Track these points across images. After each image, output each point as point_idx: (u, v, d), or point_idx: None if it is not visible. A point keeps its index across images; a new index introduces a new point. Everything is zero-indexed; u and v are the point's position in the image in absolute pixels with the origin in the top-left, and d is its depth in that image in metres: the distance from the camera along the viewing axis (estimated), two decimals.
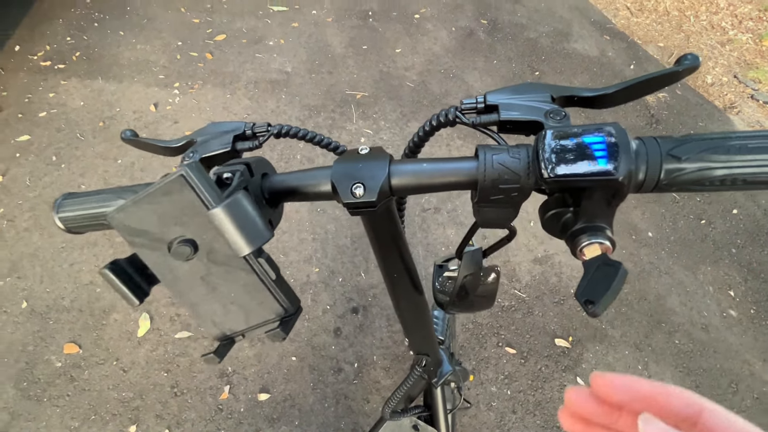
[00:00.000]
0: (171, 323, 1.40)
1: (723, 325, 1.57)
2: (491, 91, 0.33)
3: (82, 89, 2.02)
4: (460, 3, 2.81)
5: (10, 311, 1.38)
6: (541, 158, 0.26)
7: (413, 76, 2.28)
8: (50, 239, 1.54)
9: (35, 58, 2.14)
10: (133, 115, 1.95)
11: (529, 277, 1.60)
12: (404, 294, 0.48)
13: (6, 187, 1.67)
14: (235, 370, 1.33)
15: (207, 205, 0.24)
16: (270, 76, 2.19)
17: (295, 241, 1.61)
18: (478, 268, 0.40)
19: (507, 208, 0.30)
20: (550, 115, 0.30)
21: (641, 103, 2.33)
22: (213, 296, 0.27)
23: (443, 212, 1.75)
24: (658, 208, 1.89)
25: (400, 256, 0.41)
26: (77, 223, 0.35)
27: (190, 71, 2.16)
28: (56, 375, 1.28)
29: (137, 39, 2.29)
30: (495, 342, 1.45)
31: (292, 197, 0.33)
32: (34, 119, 1.89)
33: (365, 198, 0.29)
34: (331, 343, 1.40)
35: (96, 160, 1.78)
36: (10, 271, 1.46)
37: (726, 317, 1.59)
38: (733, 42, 2.92)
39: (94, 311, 1.40)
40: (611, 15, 2.96)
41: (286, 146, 1.88)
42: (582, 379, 1.39)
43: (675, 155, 0.25)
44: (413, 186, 0.30)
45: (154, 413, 1.24)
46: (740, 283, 1.69)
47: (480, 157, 0.28)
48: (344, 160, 0.31)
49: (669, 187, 0.26)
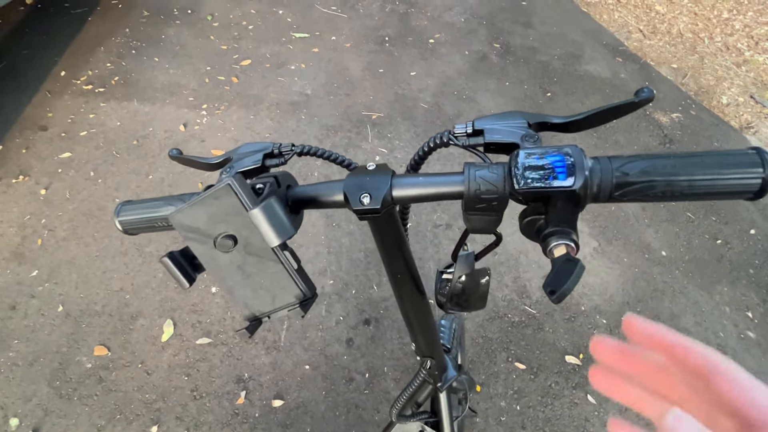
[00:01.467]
0: (193, 329, 1.47)
1: (741, 346, 1.54)
2: (479, 118, 0.39)
3: (119, 110, 2.19)
4: (474, 28, 2.92)
5: (47, 314, 1.49)
6: (514, 173, 0.32)
7: (427, 98, 2.38)
8: (86, 248, 1.66)
9: (78, 82, 2.33)
10: (164, 134, 2.10)
11: (540, 294, 1.62)
12: (408, 295, 0.54)
13: (48, 199, 1.81)
14: (251, 376, 1.39)
15: (246, 207, 0.31)
16: (291, 98, 2.32)
17: (311, 254, 1.68)
18: (471, 269, 0.45)
19: (491, 215, 0.35)
20: (525, 138, 0.36)
21: (654, 123, 2.35)
22: (247, 282, 0.34)
23: (454, 228, 1.79)
24: (672, 227, 1.89)
25: (403, 259, 0.47)
26: (133, 225, 0.43)
27: (217, 94, 2.31)
28: (86, 375, 1.37)
29: (170, 64, 2.47)
30: (505, 357, 1.47)
31: (311, 205, 0.40)
32: (75, 138, 2.05)
33: (371, 205, 0.35)
34: (344, 353, 1.45)
35: (129, 176, 1.91)
36: (48, 277, 1.58)
37: (744, 338, 1.56)
38: (749, 63, 2.92)
39: (123, 316, 1.49)
40: (623, 37, 3.02)
41: (304, 164, 1.98)
42: (592, 397, 1.39)
43: (624, 171, 0.31)
44: (411, 196, 0.36)
45: (175, 415, 1.30)
46: (758, 304, 1.66)
47: (465, 173, 0.34)
48: (354, 174, 0.37)
49: (621, 198, 0.31)
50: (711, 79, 2.75)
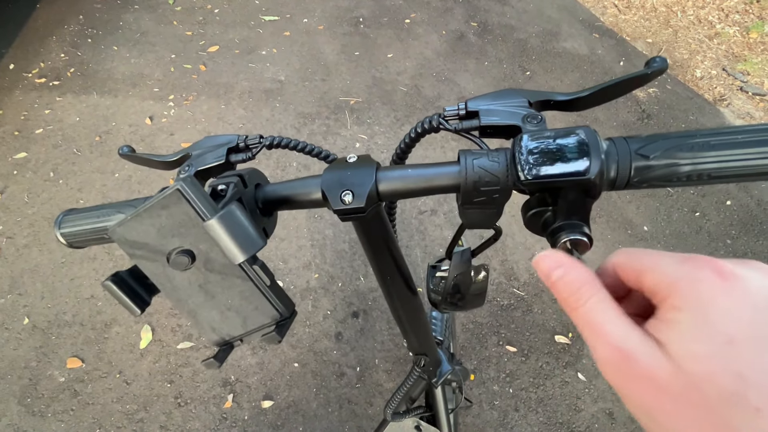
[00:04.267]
0: (173, 334, 1.40)
1: None
2: (472, 98, 0.34)
3: (77, 105, 2.04)
4: (450, 6, 2.84)
5: (12, 328, 1.39)
6: (518, 161, 0.27)
7: (406, 81, 2.31)
8: (50, 255, 1.55)
9: (30, 75, 2.15)
10: (129, 128, 1.97)
11: (528, 275, 1.62)
12: (399, 296, 0.49)
13: (4, 204, 1.68)
14: (238, 378, 1.34)
15: (202, 216, 0.25)
16: (264, 85, 2.21)
17: (294, 248, 1.62)
18: (467, 267, 0.41)
19: (490, 209, 0.31)
20: (527, 119, 0.31)
21: (631, 99, 2.35)
22: (211, 303, 0.29)
23: (440, 214, 1.76)
24: (652, 202, 1.91)
25: (392, 260, 0.43)
26: (78, 238, 0.36)
27: (185, 83, 2.18)
28: (60, 390, 1.29)
29: (131, 53, 2.31)
30: (495, 341, 1.46)
31: (285, 206, 0.34)
32: (30, 136, 1.90)
33: (354, 204, 0.30)
34: (333, 348, 1.41)
35: (93, 175, 1.79)
36: (10, 288, 1.47)
37: None
38: (720, 35, 2.95)
39: (95, 325, 1.41)
40: (599, 13, 3.00)
41: (282, 154, 1.90)
42: (582, 375, 1.40)
43: (643, 154, 0.27)
44: (400, 191, 0.32)
45: (159, 424, 1.25)
46: None
47: (461, 162, 0.29)
48: (333, 168, 0.32)
49: (640, 184, 0.27)
50: (685, 52, 2.77)
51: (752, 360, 0.16)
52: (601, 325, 0.19)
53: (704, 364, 0.16)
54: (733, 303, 0.17)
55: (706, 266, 0.18)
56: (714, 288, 0.17)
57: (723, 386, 0.16)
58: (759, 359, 0.16)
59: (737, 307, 0.17)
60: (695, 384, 0.16)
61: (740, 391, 0.15)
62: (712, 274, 0.18)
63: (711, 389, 0.16)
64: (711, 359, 0.16)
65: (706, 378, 0.16)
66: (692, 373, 0.16)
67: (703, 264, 0.18)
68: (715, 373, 0.16)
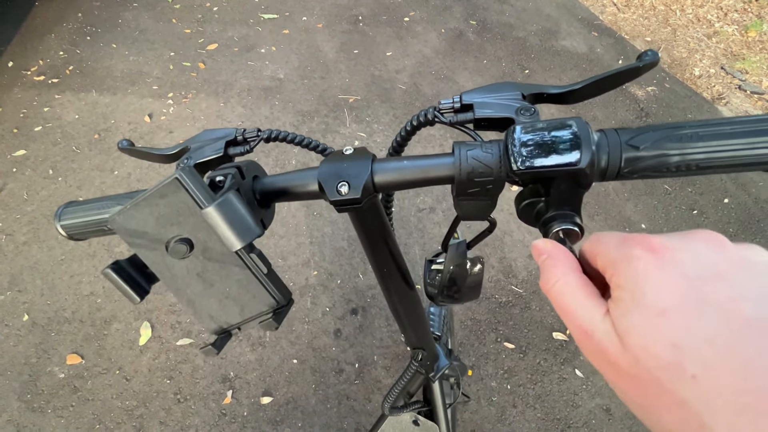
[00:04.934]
0: (172, 331, 1.41)
1: None
2: (467, 91, 0.35)
3: (76, 102, 2.04)
4: (449, 5, 2.84)
5: (11, 324, 1.39)
6: (511, 152, 0.28)
7: (405, 79, 2.31)
8: (49, 252, 1.55)
9: (29, 73, 2.15)
10: (128, 126, 1.97)
11: (526, 273, 1.62)
12: (396, 289, 0.50)
13: (4, 201, 1.68)
14: (237, 374, 1.34)
15: (200, 204, 0.26)
16: (263, 83, 2.21)
17: (292, 245, 1.63)
18: (463, 259, 0.41)
19: (484, 200, 0.31)
20: (521, 111, 0.32)
21: (630, 97, 2.36)
22: (209, 292, 0.29)
23: (438, 212, 1.77)
24: (650, 200, 1.91)
25: (389, 252, 0.43)
26: (78, 230, 0.37)
27: (184, 81, 2.18)
28: (60, 386, 1.29)
29: (130, 51, 2.31)
30: (494, 338, 1.47)
31: (282, 197, 0.35)
32: (29, 134, 1.91)
33: (350, 195, 0.31)
34: (332, 345, 1.42)
35: (93, 173, 1.79)
36: (10, 285, 1.47)
37: None
38: (719, 34, 2.96)
39: (95, 321, 1.41)
40: (598, 11, 3.00)
41: (280, 153, 1.90)
42: (580, 371, 1.41)
43: (633, 145, 0.27)
44: (395, 182, 0.32)
45: (158, 420, 1.25)
46: None
47: (456, 153, 0.30)
48: (330, 160, 0.33)
49: (630, 175, 0.28)
50: (683, 51, 2.77)
51: (684, 329, 0.16)
52: (569, 305, 0.20)
53: (642, 337, 0.17)
54: (664, 276, 0.17)
55: (638, 244, 0.19)
56: (647, 263, 0.18)
57: (660, 357, 0.16)
58: (691, 327, 0.16)
59: (668, 279, 0.17)
60: (637, 358, 0.17)
61: (676, 360, 0.16)
62: (644, 251, 0.18)
63: (650, 361, 0.16)
64: (647, 332, 0.17)
65: (644, 351, 0.17)
66: (633, 346, 0.17)
67: (636, 242, 0.19)
68: (651, 345, 0.16)
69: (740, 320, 0.15)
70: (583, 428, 1.30)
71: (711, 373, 0.15)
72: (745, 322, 0.15)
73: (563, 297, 0.21)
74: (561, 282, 0.21)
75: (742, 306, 0.16)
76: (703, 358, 0.15)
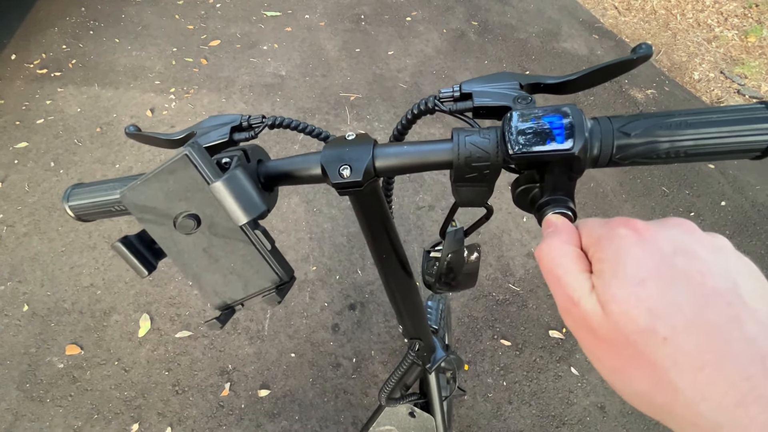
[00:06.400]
0: (171, 323, 1.42)
1: None
2: (466, 81, 0.36)
3: (78, 96, 2.05)
4: (451, 5, 2.85)
5: (11, 314, 1.40)
6: (508, 138, 0.29)
7: (406, 78, 2.32)
8: (50, 243, 1.56)
9: (31, 66, 2.16)
10: (130, 120, 1.98)
11: (523, 271, 1.63)
12: (394, 275, 0.51)
13: (5, 193, 1.69)
14: (235, 367, 1.35)
15: (207, 180, 0.27)
16: (264, 80, 2.22)
17: (292, 241, 1.64)
18: (460, 246, 0.43)
19: (482, 186, 0.33)
20: (518, 100, 0.33)
21: (629, 100, 2.37)
22: (214, 267, 0.30)
23: (437, 209, 1.78)
24: (648, 201, 1.93)
25: (387, 237, 0.44)
26: (86, 210, 0.38)
27: (186, 77, 2.19)
28: (59, 376, 1.30)
29: (132, 46, 2.32)
30: (490, 335, 1.48)
31: (286, 181, 0.36)
32: (31, 126, 1.91)
33: (352, 178, 0.32)
34: (330, 339, 1.43)
35: (94, 165, 1.80)
36: (10, 275, 1.48)
37: None
38: (719, 39, 2.97)
39: (94, 313, 1.42)
40: (599, 14, 3.02)
41: (284, 145, 1.91)
42: (575, 369, 1.42)
43: (625, 132, 0.28)
44: (396, 167, 0.33)
45: (156, 411, 1.26)
46: None
47: (454, 139, 0.31)
48: (332, 145, 0.34)
49: (622, 161, 0.29)
50: (683, 55, 2.79)
51: (659, 296, 0.18)
52: (562, 275, 0.22)
53: (621, 304, 0.18)
54: (643, 251, 0.19)
55: (622, 225, 0.21)
56: (629, 241, 0.20)
57: (637, 321, 0.18)
58: (665, 295, 0.18)
59: (647, 254, 0.19)
60: (617, 323, 0.18)
61: (650, 324, 0.17)
62: (627, 230, 0.20)
63: (628, 326, 0.18)
64: (627, 299, 0.18)
65: (623, 316, 0.18)
66: (613, 313, 0.18)
67: (620, 223, 0.21)
68: (629, 311, 0.18)
69: (707, 290, 0.18)
70: (578, 425, 1.31)
71: (679, 335, 0.17)
72: (711, 292, 0.18)
73: (557, 266, 0.22)
74: (558, 251, 0.23)
75: (709, 279, 0.18)
76: (674, 323, 0.17)
